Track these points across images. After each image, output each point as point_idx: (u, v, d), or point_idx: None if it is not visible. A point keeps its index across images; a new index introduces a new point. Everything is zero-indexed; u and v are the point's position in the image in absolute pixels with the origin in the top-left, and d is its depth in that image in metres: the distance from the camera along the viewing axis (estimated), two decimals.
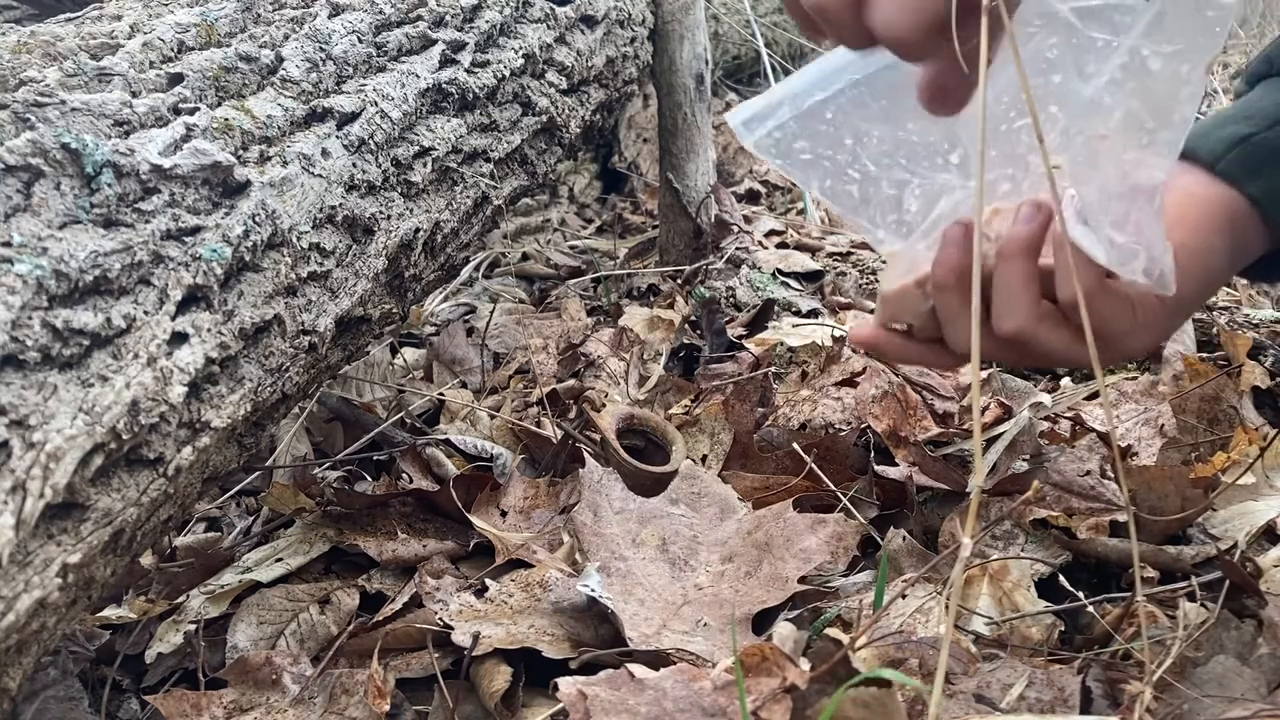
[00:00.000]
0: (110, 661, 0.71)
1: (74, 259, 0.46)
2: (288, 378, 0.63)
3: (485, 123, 0.89)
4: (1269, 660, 0.58)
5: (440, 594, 0.68)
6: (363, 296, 0.71)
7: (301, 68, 0.70)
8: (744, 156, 2.47)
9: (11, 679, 0.45)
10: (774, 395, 0.99)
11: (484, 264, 1.63)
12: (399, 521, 0.81)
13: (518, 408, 1.03)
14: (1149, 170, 0.50)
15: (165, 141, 0.56)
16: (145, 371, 0.49)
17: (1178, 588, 0.68)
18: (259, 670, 0.65)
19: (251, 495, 0.99)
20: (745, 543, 0.75)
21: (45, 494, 0.42)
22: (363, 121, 0.72)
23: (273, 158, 0.63)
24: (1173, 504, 0.74)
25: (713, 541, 0.76)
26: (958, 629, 0.65)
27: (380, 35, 0.79)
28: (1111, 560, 0.72)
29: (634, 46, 1.30)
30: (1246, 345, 0.97)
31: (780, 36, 3.08)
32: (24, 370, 0.43)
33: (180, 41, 0.66)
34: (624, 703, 0.54)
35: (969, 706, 0.57)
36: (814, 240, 1.62)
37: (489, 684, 0.61)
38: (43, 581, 0.43)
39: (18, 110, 0.50)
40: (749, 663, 0.55)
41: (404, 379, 1.19)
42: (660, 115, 1.48)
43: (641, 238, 1.74)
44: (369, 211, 0.71)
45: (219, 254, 0.55)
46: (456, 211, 0.85)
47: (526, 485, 0.84)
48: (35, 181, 0.48)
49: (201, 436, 0.54)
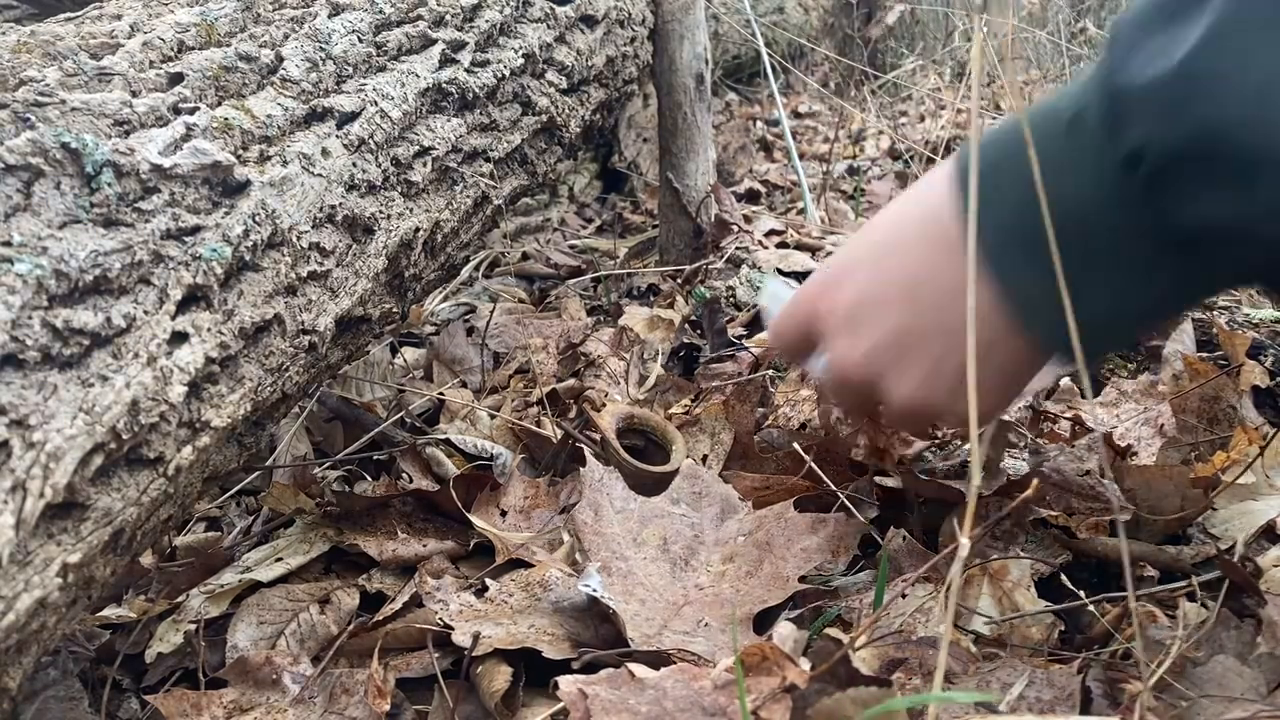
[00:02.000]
0: (110, 661, 0.71)
1: (74, 258, 0.46)
2: (288, 377, 0.63)
3: (485, 122, 0.89)
4: (1269, 660, 0.58)
5: (440, 594, 0.68)
6: (363, 296, 0.71)
7: (301, 67, 0.70)
8: (744, 156, 2.47)
9: (11, 679, 0.45)
10: (774, 395, 0.99)
11: (484, 264, 1.63)
12: (399, 521, 0.81)
13: (518, 407, 1.03)
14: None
15: (165, 141, 0.56)
16: (145, 371, 0.49)
17: (1178, 587, 0.68)
18: (259, 670, 0.65)
19: (251, 495, 0.99)
20: (746, 542, 0.75)
21: (45, 493, 0.42)
22: (363, 121, 0.72)
23: (273, 157, 0.63)
24: (1172, 503, 0.74)
25: (714, 541, 0.76)
26: (958, 629, 0.65)
27: (380, 35, 0.79)
28: (1112, 560, 0.72)
29: (634, 46, 1.30)
30: (1246, 344, 0.97)
31: (780, 36, 3.08)
32: (24, 370, 0.43)
33: (180, 41, 0.66)
34: (624, 702, 0.54)
35: (969, 707, 0.57)
36: (814, 240, 1.62)
37: (489, 684, 0.61)
38: (43, 581, 0.43)
39: (18, 110, 0.50)
40: (749, 662, 0.55)
41: (404, 379, 1.19)
42: (660, 115, 1.48)
43: (641, 237, 1.74)
44: (369, 211, 0.71)
45: (219, 253, 0.55)
46: (456, 211, 0.85)
47: (526, 485, 0.84)
48: (35, 181, 0.48)
49: (201, 436, 0.54)
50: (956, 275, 0.53)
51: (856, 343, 0.58)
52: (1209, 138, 0.42)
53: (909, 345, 0.56)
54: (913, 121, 2.94)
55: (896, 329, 0.56)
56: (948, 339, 0.55)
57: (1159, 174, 0.45)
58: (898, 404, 0.58)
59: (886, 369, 0.57)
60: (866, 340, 0.57)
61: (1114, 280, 0.48)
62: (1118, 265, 0.48)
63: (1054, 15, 2.88)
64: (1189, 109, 0.42)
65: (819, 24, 3.51)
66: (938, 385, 0.56)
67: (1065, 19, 2.91)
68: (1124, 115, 0.45)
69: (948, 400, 0.56)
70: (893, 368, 0.57)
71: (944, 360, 0.55)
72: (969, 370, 0.45)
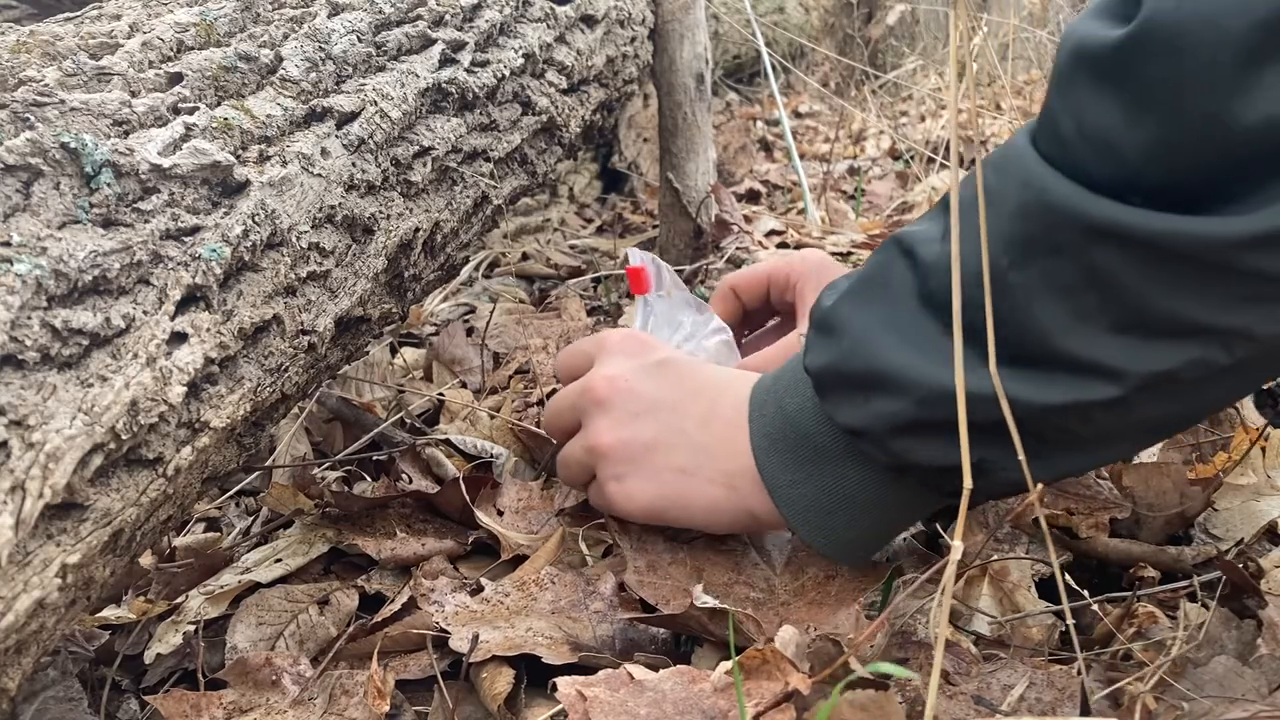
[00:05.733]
0: (110, 662, 0.71)
1: (73, 259, 0.46)
2: (287, 378, 0.63)
3: (485, 122, 0.89)
4: (1269, 660, 0.58)
5: (436, 596, 0.68)
6: (362, 296, 0.71)
7: (301, 67, 0.69)
8: (744, 156, 2.47)
9: (11, 679, 0.45)
10: None
11: (484, 264, 1.63)
12: (398, 522, 0.81)
13: (518, 408, 1.03)
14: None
15: (164, 141, 0.56)
16: (144, 371, 0.48)
17: (1178, 587, 0.68)
18: (259, 671, 0.65)
19: (251, 495, 0.99)
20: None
21: (44, 494, 0.41)
22: (362, 121, 0.72)
23: (272, 157, 0.63)
24: (1170, 501, 0.74)
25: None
26: (960, 629, 0.65)
27: (380, 35, 0.79)
28: (1112, 560, 0.72)
29: (634, 46, 1.30)
30: None
31: (780, 36, 3.08)
32: (23, 370, 0.43)
33: (180, 41, 0.65)
34: (624, 704, 0.53)
35: (969, 708, 0.57)
36: (814, 240, 1.62)
37: (491, 686, 0.61)
38: (42, 582, 0.43)
39: (17, 110, 0.50)
40: (750, 665, 0.55)
41: (404, 379, 1.19)
42: (660, 115, 1.48)
43: (641, 237, 1.74)
44: (369, 211, 0.71)
45: (218, 254, 0.55)
46: (456, 211, 0.85)
47: (520, 487, 0.84)
48: (34, 181, 0.48)
49: (201, 436, 0.54)
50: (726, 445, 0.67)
51: (614, 427, 0.69)
52: (835, 365, 0.58)
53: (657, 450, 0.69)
54: (913, 121, 2.94)
55: (654, 436, 0.69)
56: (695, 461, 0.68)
57: (819, 387, 0.61)
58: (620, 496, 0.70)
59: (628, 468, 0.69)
60: (625, 431, 0.69)
61: (826, 470, 0.62)
62: (825, 458, 0.62)
63: (1054, 15, 2.88)
64: (826, 342, 0.59)
65: (819, 24, 3.51)
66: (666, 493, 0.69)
67: (1065, 19, 2.91)
68: (809, 339, 0.62)
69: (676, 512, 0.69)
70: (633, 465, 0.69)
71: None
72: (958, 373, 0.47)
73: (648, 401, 0.69)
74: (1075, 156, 0.50)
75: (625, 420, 0.69)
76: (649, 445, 0.68)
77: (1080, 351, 0.52)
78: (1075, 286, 0.51)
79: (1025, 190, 0.51)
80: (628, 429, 0.69)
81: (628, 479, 0.69)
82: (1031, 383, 0.53)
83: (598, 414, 0.70)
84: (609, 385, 0.70)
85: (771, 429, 0.64)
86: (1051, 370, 0.53)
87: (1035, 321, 0.52)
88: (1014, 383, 0.52)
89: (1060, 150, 0.50)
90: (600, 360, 0.73)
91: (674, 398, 0.69)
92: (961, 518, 0.46)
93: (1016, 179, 0.51)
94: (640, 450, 0.69)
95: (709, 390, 0.69)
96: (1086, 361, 0.52)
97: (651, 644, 0.65)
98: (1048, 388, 0.53)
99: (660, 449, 0.68)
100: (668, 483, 0.68)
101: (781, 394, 0.64)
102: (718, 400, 0.68)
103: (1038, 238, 0.51)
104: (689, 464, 0.67)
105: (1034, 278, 0.51)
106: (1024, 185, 0.51)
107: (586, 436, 0.71)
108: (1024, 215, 0.51)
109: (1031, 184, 0.50)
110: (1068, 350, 0.52)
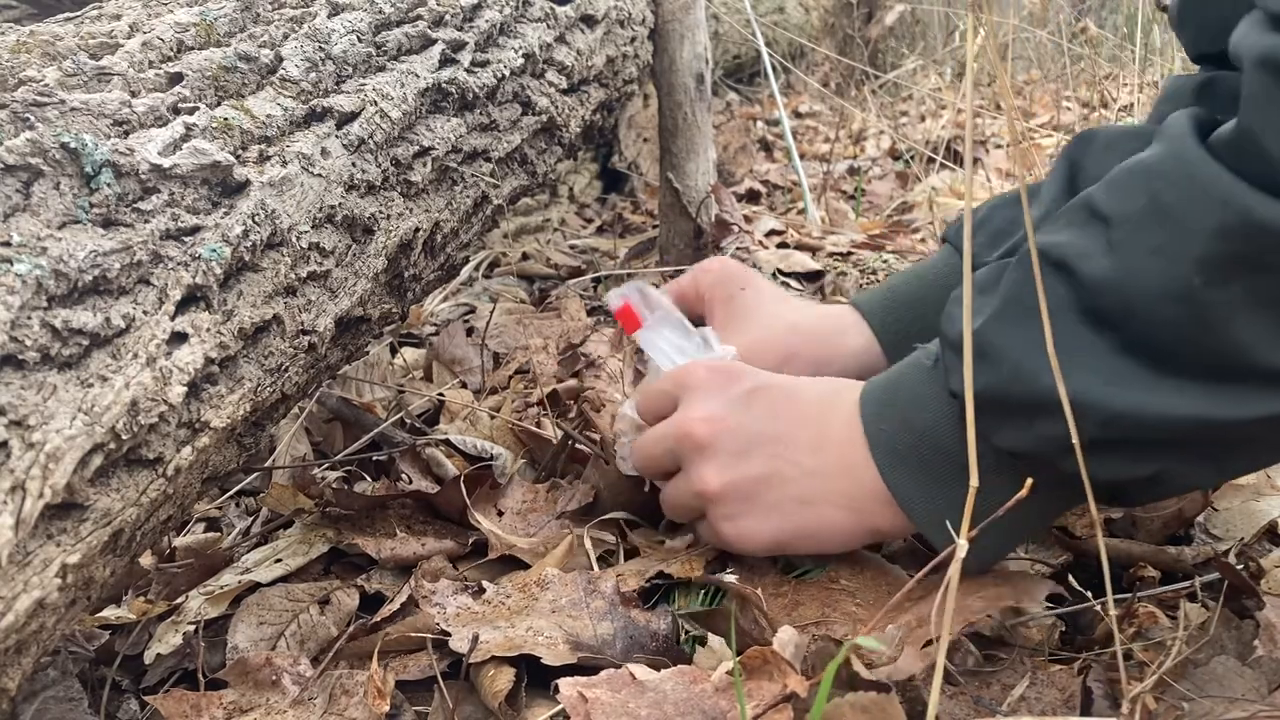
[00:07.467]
0: (110, 662, 0.71)
1: (73, 259, 0.46)
2: (287, 378, 0.63)
3: (485, 122, 0.89)
4: (1269, 661, 0.58)
5: (436, 597, 0.68)
6: (362, 296, 0.71)
7: (301, 67, 0.69)
8: (744, 156, 2.47)
9: (11, 679, 0.45)
10: None
11: (484, 264, 1.63)
12: (398, 522, 0.81)
13: (518, 408, 1.03)
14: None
15: (165, 141, 0.56)
16: (145, 371, 0.48)
17: (1179, 588, 0.68)
18: (259, 671, 0.65)
19: (251, 495, 0.99)
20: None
21: (45, 494, 0.41)
22: (362, 121, 0.72)
23: (272, 157, 0.63)
24: (1170, 502, 0.74)
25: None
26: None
27: (380, 35, 0.79)
28: (1112, 560, 0.72)
29: (634, 46, 1.30)
30: None
31: (780, 36, 3.08)
32: (23, 370, 0.43)
33: (180, 41, 0.65)
34: (625, 705, 0.53)
35: (969, 708, 0.57)
36: (814, 240, 1.62)
37: (492, 685, 0.61)
38: (42, 582, 0.43)
39: (17, 110, 0.50)
40: (750, 665, 0.55)
41: (404, 379, 1.19)
42: (660, 115, 1.48)
43: (641, 237, 1.74)
44: (369, 211, 0.71)
45: (218, 254, 0.55)
46: (456, 211, 0.85)
47: (525, 490, 0.84)
48: (34, 181, 0.47)
49: (201, 437, 0.54)
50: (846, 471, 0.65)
51: (722, 471, 0.67)
52: (992, 390, 0.56)
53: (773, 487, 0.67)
54: (913, 121, 2.94)
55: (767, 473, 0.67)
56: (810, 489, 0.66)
57: (977, 411, 0.59)
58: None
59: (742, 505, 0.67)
60: (736, 473, 0.67)
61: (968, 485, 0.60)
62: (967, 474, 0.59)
63: (1054, 15, 2.88)
64: (980, 367, 0.56)
65: (819, 24, 3.51)
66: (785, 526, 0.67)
67: (1065, 19, 2.91)
68: (949, 360, 0.61)
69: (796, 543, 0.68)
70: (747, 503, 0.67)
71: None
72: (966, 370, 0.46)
73: (750, 436, 0.67)
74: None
75: (731, 462, 0.66)
76: (761, 481, 0.66)
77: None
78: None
79: (1226, 210, 0.50)
80: (736, 469, 0.66)
81: (741, 518, 0.66)
82: (1225, 398, 0.52)
83: (700, 459, 0.67)
84: (707, 427, 0.67)
85: (899, 445, 0.63)
86: (1248, 384, 0.52)
87: (1234, 337, 0.51)
88: (1205, 399, 0.52)
89: (1267, 169, 0.49)
90: (686, 400, 0.70)
91: (777, 428, 0.67)
92: (966, 517, 0.46)
93: (1213, 198, 0.50)
94: (752, 488, 0.66)
95: (812, 412, 0.67)
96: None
97: (652, 642, 0.65)
98: (1245, 402, 0.52)
99: (774, 483, 0.66)
100: (788, 515, 0.66)
101: (903, 408, 0.63)
102: (825, 422, 0.66)
103: (1243, 256, 0.50)
104: (807, 493, 0.65)
105: (1236, 295, 0.51)
106: (1223, 205, 0.50)
107: (692, 482, 0.68)
108: (1224, 235, 0.50)
109: (1232, 203, 0.49)
110: (1269, 364, 0.51)
